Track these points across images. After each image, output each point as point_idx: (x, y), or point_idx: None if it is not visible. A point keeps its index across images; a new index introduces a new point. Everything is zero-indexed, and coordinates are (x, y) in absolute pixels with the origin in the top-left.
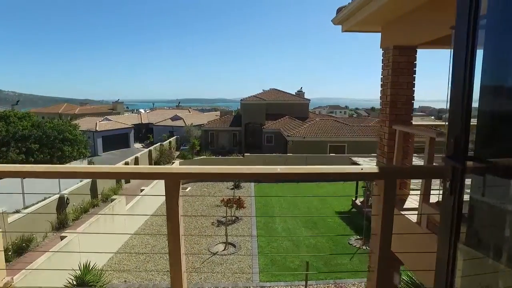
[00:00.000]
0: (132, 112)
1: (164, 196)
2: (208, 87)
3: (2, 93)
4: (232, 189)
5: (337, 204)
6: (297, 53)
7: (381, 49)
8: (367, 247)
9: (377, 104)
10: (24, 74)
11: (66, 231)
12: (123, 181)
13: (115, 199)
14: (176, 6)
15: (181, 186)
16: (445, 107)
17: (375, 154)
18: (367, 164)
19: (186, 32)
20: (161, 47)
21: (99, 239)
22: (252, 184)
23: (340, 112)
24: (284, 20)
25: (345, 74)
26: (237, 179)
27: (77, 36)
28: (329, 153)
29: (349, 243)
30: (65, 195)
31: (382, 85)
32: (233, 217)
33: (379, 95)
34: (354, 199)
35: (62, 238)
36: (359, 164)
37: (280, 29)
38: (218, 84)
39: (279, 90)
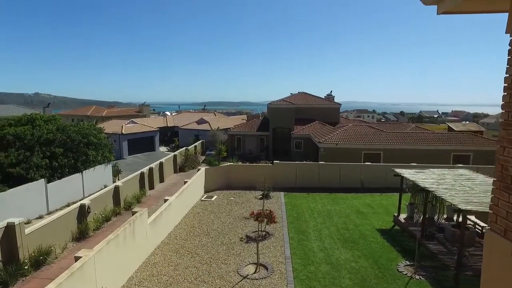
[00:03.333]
0: (158, 115)
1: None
2: (232, 90)
3: (39, 96)
4: (260, 198)
5: (376, 220)
6: (323, 55)
7: (510, 35)
8: (420, 277)
9: (405, 108)
10: (59, 78)
11: (81, 252)
12: (147, 187)
13: (136, 211)
14: (199, 13)
15: (207, 195)
16: (480, 112)
17: (415, 164)
18: (414, 177)
19: (211, 37)
20: (187, 51)
21: (117, 257)
22: (282, 193)
23: (368, 116)
24: (310, 24)
25: (371, 77)
26: (268, 189)
27: (110, 43)
28: (363, 161)
29: (398, 269)
30: (86, 204)
31: (506, 88)
32: (264, 232)
33: (404, 98)
34: (396, 214)
35: (76, 259)
36: (404, 177)
37: (306, 32)
38: (243, 87)
39: (307, 94)
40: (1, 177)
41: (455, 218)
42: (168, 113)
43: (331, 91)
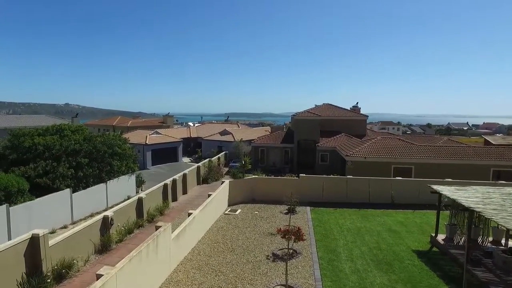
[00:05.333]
0: (182, 126)
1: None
2: (255, 101)
3: (69, 107)
4: (286, 213)
5: (411, 239)
6: (345, 66)
7: None
8: None
9: (431, 120)
10: (88, 89)
11: (103, 270)
12: (170, 199)
13: (160, 226)
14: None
15: (230, 208)
16: None
17: (451, 180)
18: (454, 195)
19: (234, 50)
20: (210, 64)
21: (140, 274)
22: (308, 208)
23: (393, 128)
24: (330, 36)
25: (394, 89)
26: (294, 204)
27: (137, 55)
28: (393, 176)
29: None
30: (109, 216)
31: None
32: (291, 250)
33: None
34: (433, 234)
35: (98, 277)
36: (442, 194)
37: (326, 45)
38: (265, 98)
39: (333, 105)
40: (29, 187)
41: (503, 241)
42: (191, 123)
43: (357, 103)
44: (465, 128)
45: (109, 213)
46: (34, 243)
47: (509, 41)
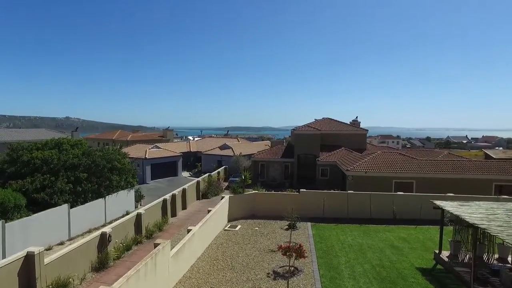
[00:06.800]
0: (181, 139)
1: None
2: (254, 115)
3: (69, 120)
4: (287, 229)
5: (414, 256)
6: (345, 81)
7: None
8: None
9: (430, 133)
10: (88, 102)
11: None
12: (169, 215)
13: (159, 243)
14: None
15: (230, 224)
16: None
17: (453, 195)
18: (458, 211)
19: (233, 66)
20: (209, 78)
21: None
22: (309, 224)
23: (393, 142)
24: (327, 50)
25: (393, 102)
26: (295, 220)
27: (136, 71)
28: (394, 191)
29: None
30: (107, 232)
31: None
32: (292, 268)
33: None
34: (437, 251)
35: None
36: (446, 210)
37: (325, 61)
38: (264, 112)
39: (333, 119)
40: (26, 202)
41: (509, 259)
42: (191, 137)
43: (357, 117)
44: (465, 142)
45: (107, 229)
46: (29, 261)
47: (508, 59)
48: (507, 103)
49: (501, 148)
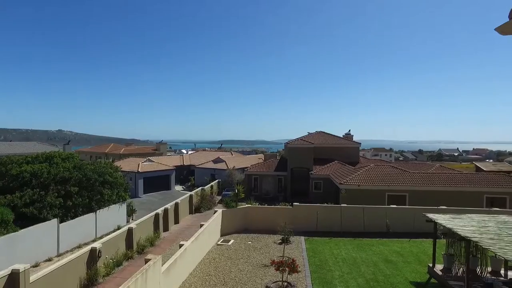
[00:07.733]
0: (175, 153)
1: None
2: (247, 129)
3: (62, 133)
4: (280, 243)
5: (408, 270)
6: (338, 97)
7: None
8: None
9: (422, 146)
10: (81, 115)
11: None
12: (161, 229)
13: (149, 259)
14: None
15: (223, 238)
16: (503, 150)
17: (446, 208)
18: (450, 224)
19: (225, 78)
20: (203, 93)
21: None
22: (302, 238)
23: (386, 155)
24: (319, 64)
25: (384, 115)
26: (288, 234)
27: (129, 83)
28: (387, 204)
29: None
30: (97, 248)
31: None
32: (285, 283)
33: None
34: (430, 265)
35: None
36: (438, 223)
37: (318, 73)
38: (257, 126)
39: (325, 133)
40: (14, 217)
41: (502, 272)
42: (184, 151)
43: (349, 130)
44: (456, 154)
45: (97, 244)
46: (13, 279)
47: (501, 77)
48: (497, 116)
49: (491, 160)
